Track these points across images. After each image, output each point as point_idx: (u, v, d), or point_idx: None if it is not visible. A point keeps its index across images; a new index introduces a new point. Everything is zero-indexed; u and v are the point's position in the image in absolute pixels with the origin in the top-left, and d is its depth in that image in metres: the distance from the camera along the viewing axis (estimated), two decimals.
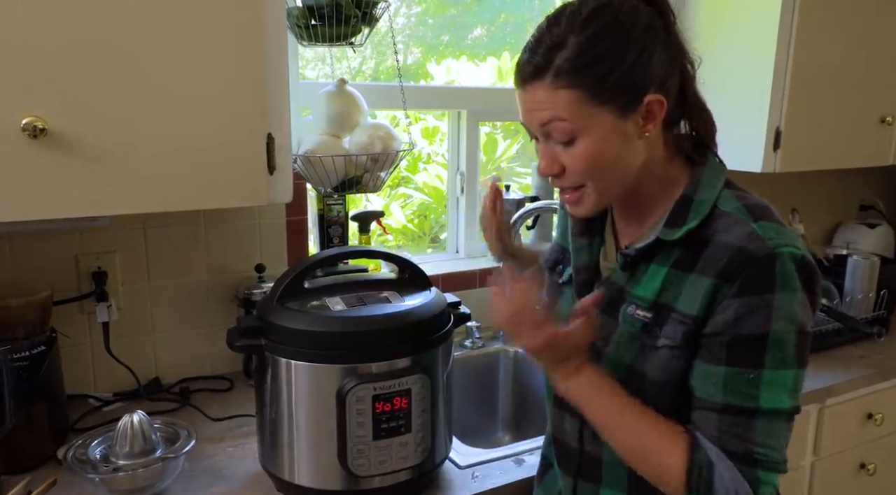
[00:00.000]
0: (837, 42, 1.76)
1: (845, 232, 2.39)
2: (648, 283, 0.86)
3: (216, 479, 1.13)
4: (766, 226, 0.80)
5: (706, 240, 0.82)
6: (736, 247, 0.79)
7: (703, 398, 0.81)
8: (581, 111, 0.79)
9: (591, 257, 0.96)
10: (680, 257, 0.84)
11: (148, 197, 1.06)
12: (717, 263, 0.80)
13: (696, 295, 0.81)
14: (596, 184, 0.84)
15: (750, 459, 0.78)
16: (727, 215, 0.82)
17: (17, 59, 0.94)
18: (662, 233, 0.85)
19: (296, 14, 1.35)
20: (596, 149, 0.81)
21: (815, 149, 1.83)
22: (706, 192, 0.85)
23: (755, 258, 0.78)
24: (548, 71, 0.78)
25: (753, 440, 0.78)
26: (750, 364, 0.78)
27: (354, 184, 1.46)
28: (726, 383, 0.79)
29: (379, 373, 1.01)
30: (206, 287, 1.51)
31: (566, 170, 0.84)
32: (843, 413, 1.68)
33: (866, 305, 1.93)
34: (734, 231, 0.81)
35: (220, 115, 1.08)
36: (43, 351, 1.17)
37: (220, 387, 1.49)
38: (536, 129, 0.84)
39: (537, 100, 0.81)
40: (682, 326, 0.82)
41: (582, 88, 0.78)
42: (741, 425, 0.78)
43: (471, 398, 1.74)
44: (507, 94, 1.96)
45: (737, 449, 0.78)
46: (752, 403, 0.78)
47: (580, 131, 0.80)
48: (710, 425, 0.80)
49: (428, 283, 1.17)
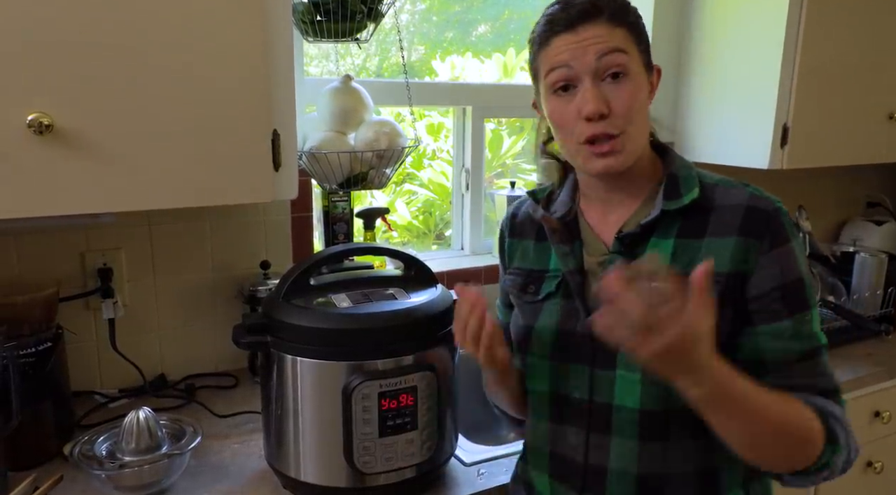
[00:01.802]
0: (845, 38, 1.75)
1: (852, 229, 2.38)
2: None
3: (222, 476, 1.13)
4: (757, 188, 0.89)
5: (708, 207, 0.88)
6: (747, 206, 0.86)
7: (780, 356, 0.85)
8: (632, 50, 0.87)
9: (577, 260, 0.96)
10: (683, 227, 0.88)
11: (153, 193, 1.06)
12: (733, 222, 0.86)
13: (721, 253, 0.85)
14: (632, 130, 0.87)
15: (837, 391, 0.87)
16: (716, 185, 0.90)
17: (22, 56, 0.94)
18: (665, 204, 0.88)
19: (301, 10, 1.34)
20: (637, 91, 0.87)
21: (823, 146, 1.82)
22: (686, 171, 0.92)
23: (769, 214, 0.86)
24: (603, 12, 0.85)
25: (831, 374, 0.87)
26: (804, 307, 0.86)
27: (360, 181, 1.45)
28: (795, 332, 0.85)
29: (385, 370, 1.01)
30: (212, 284, 1.51)
31: (611, 112, 0.86)
32: (850, 411, 1.64)
33: (873, 303, 1.92)
34: (734, 194, 0.88)
35: (225, 111, 1.08)
36: (49, 347, 1.17)
37: (226, 384, 1.49)
38: (590, 65, 0.85)
39: (598, 34, 0.85)
40: (714, 286, 0.82)
41: (633, 31, 0.87)
42: (820, 364, 0.86)
43: (476, 395, 1.73)
44: (513, 91, 1.97)
45: (830, 386, 0.86)
46: (816, 342, 0.86)
47: (630, 68, 0.86)
48: (800, 376, 0.85)
49: (434, 280, 1.17)
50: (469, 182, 1.89)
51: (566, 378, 0.94)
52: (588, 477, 0.93)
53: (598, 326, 0.72)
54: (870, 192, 2.47)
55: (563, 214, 0.98)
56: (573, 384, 0.93)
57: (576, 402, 0.93)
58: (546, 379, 0.96)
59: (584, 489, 0.93)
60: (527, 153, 2.47)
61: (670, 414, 0.87)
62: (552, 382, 0.96)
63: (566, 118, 0.88)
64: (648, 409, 0.87)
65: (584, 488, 0.93)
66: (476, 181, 1.89)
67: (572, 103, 0.87)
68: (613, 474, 0.90)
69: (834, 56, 1.74)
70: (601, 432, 0.91)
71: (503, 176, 2.40)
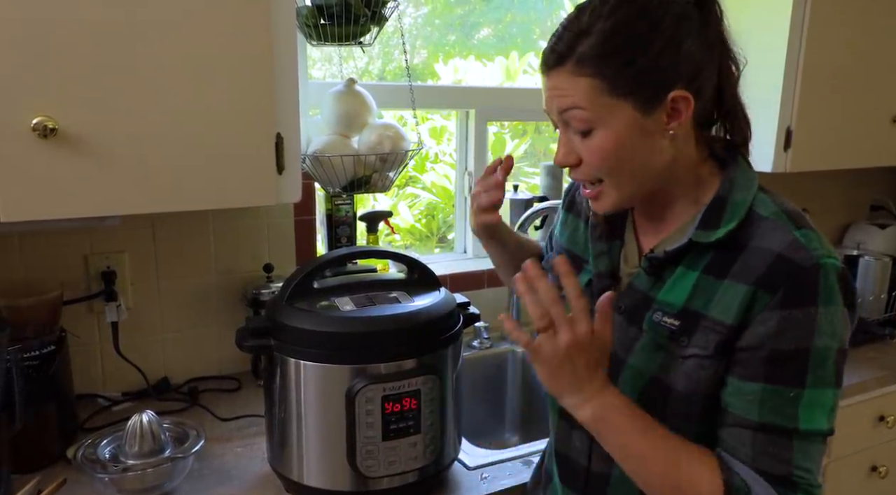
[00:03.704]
0: (849, 41, 1.75)
1: (856, 232, 2.37)
2: (676, 288, 0.81)
3: (224, 479, 1.13)
4: (809, 235, 0.76)
5: (742, 245, 0.77)
6: (777, 254, 0.74)
7: (737, 414, 0.76)
8: (600, 101, 0.76)
9: (611, 262, 0.92)
10: (712, 261, 0.79)
11: (157, 197, 1.06)
12: (755, 270, 0.75)
13: (730, 302, 0.76)
14: (612, 179, 0.81)
15: (790, 482, 0.74)
16: (765, 220, 0.78)
17: (27, 59, 0.94)
18: (696, 235, 0.80)
19: (305, 13, 1.35)
20: (613, 143, 0.77)
21: (826, 149, 1.81)
22: (741, 194, 0.80)
23: (800, 268, 0.73)
24: (570, 57, 0.76)
25: (792, 462, 0.74)
26: (790, 382, 0.74)
27: (363, 184, 1.45)
28: (764, 400, 0.74)
29: (388, 374, 1.00)
30: (215, 287, 1.51)
31: (582, 162, 0.81)
32: (855, 415, 1.66)
33: (878, 307, 1.92)
34: (775, 237, 0.76)
35: (229, 114, 1.08)
36: (52, 350, 1.17)
37: (229, 387, 1.49)
38: (556, 117, 0.82)
39: (559, 86, 0.79)
40: (715, 335, 0.77)
41: (602, 78, 0.75)
42: (779, 445, 0.74)
43: (479, 399, 1.73)
44: (516, 94, 1.97)
45: (776, 471, 0.74)
46: (791, 423, 0.74)
47: (598, 122, 0.77)
48: (744, 444, 0.76)
49: (437, 283, 1.17)
50: (472, 185, 1.89)
51: None
52: (591, 482, 0.92)
53: (504, 326, 0.76)
54: (874, 196, 2.47)
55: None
56: None
57: None
58: None
59: (586, 491, 0.93)
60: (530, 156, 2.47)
61: (687, 421, 0.83)
62: None
63: None
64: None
65: (585, 490, 0.93)
66: None
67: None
68: (616, 481, 0.89)
69: (837, 59, 1.74)
70: None
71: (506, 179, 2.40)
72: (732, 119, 0.85)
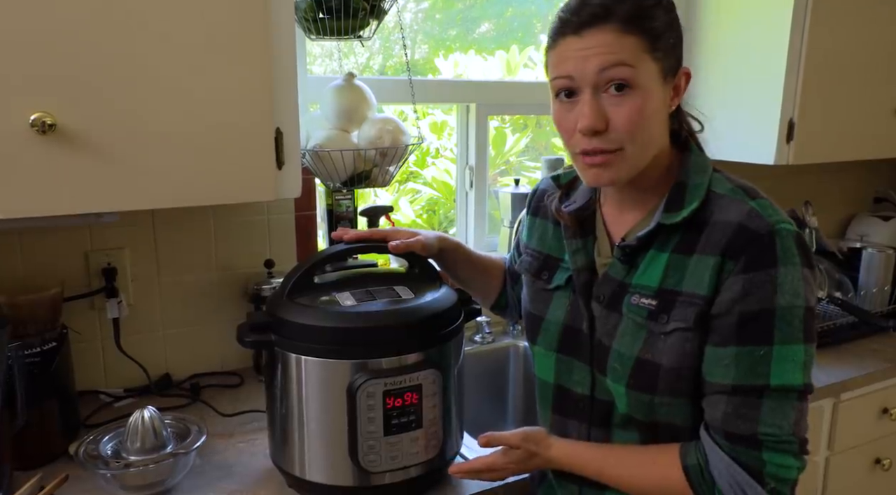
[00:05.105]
0: (851, 32, 1.74)
1: (859, 224, 2.37)
2: (650, 271, 0.86)
3: (227, 475, 1.13)
4: (763, 204, 0.82)
5: (705, 221, 0.83)
6: (737, 224, 0.80)
7: (714, 381, 0.80)
8: (643, 60, 0.79)
9: (588, 257, 0.95)
10: (680, 241, 0.84)
11: (156, 192, 1.06)
12: (719, 241, 0.81)
13: (702, 274, 0.81)
14: (633, 147, 0.82)
15: (755, 440, 0.78)
16: (722, 196, 0.84)
17: (25, 55, 0.94)
18: (663, 217, 0.85)
19: (304, 7, 1.34)
20: (644, 105, 0.80)
21: (829, 141, 1.80)
22: (698, 177, 0.87)
23: (758, 234, 0.79)
24: (613, 16, 0.78)
25: (759, 419, 0.77)
26: (760, 340, 0.78)
27: (363, 179, 1.45)
28: (738, 363, 0.78)
29: (390, 369, 1.00)
30: (216, 282, 1.50)
31: (610, 127, 0.81)
32: (858, 407, 1.66)
33: (881, 299, 1.91)
34: (732, 209, 0.82)
35: (228, 109, 1.08)
36: (54, 347, 1.17)
37: (231, 383, 1.49)
38: (591, 76, 0.80)
39: (602, 43, 0.78)
40: (693, 307, 0.81)
41: (646, 37, 0.79)
42: (749, 405, 0.78)
43: (481, 393, 1.73)
44: (517, 88, 1.96)
45: (742, 431, 0.78)
46: (762, 381, 0.77)
47: (638, 81, 0.79)
48: (717, 408, 0.80)
49: (438, 278, 1.16)
50: (473, 180, 1.89)
51: (570, 373, 0.95)
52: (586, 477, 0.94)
53: (457, 472, 0.99)
54: (877, 188, 2.46)
55: (582, 206, 0.96)
56: (576, 379, 0.95)
57: (578, 397, 0.95)
58: (551, 372, 0.98)
59: (583, 482, 0.94)
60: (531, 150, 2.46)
61: (658, 421, 0.87)
62: (557, 375, 0.97)
63: (565, 126, 0.85)
64: (637, 418, 0.88)
65: (583, 480, 0.94)
66: (480, 179, 1.89)
67: (573, 112, 0.83)
68: None
69: (840, 51, 1.73)
70: (602, 427, 0.93)
71: (507, 173, 2.40)
72: (681, 109, 0.92)
